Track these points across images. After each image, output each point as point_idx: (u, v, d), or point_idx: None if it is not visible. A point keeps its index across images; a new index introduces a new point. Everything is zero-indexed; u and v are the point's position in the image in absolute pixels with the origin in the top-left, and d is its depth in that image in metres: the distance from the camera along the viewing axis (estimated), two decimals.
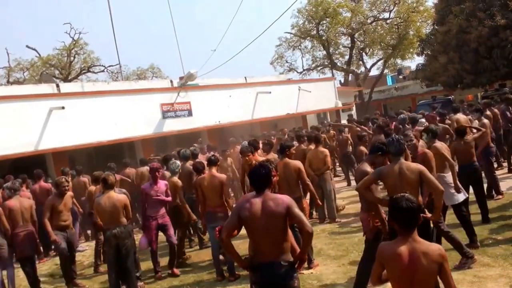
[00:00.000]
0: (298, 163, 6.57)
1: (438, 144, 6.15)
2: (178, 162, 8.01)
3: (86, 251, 9.29)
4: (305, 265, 6.12)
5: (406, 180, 4.49)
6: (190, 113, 16.42)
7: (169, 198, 6.97)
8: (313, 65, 32.03)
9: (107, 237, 6.10)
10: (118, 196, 6.22)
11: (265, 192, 3.56)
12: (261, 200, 3.51)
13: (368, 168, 4.92)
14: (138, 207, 9.07)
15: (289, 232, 3.57)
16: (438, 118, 9.93)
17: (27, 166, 10.96)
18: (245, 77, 19.55)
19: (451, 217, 6.43)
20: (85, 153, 14.42)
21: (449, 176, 6.03)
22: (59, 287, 7.16)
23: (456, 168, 6.51)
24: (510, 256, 5.45)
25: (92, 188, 7.61)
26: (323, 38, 29.08)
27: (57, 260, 8.68)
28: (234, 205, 3.90)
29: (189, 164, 8.43)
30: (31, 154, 12.25)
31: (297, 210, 3.48)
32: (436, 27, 22.54)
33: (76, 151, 13.76)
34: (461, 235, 5.88)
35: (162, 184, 6.93)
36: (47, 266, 8.67)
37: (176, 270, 6.80)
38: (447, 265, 2.71)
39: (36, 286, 6.76)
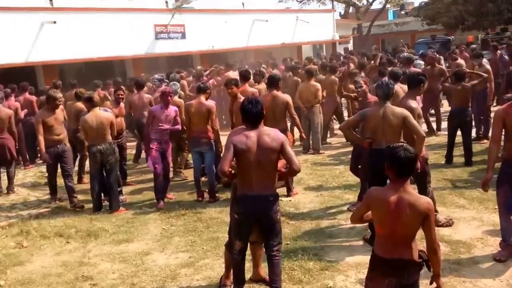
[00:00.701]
0: (286, 97, 6.59)
1: (397, 87, 6.14)
2: (178, 84, 8.11)
3: None
4: (284, 192, 6.44)
5: (389, 124, 4.56)
6: (183, 36, 16.07)
7: (178, 127, 6.67)
8: None
9: (93, 153, 6.29)
10: (105, 114, 6.34)
11: (259, 126, 3.63)
12: (256, 134, 3.59)
13: (414, 104, 4.91)
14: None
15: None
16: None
17: (17, 78, 10.93)
18: (243, 3, 18.91)
19: None
20: (75, 68, 14.30)
21: None
22: (41, 197, 7.40)
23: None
24: (485, 200, 5.55)
25: (78, 104, 7.60)
26: None
27: (42, 168, 8.98)
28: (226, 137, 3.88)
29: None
30: (21, 65, 12.23)
31: (289, 147, 3.60)
32: None
33: (66, 65, 13.68)
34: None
35: (172, 110, 6.53)
36: (32, 173, 8.92)
37: (170, 195, 6.88)
38: (432, 219, 2.78)
39: (10, 185, 7.60)
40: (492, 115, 7.36)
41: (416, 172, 4.16)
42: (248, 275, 3.98)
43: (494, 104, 9.69)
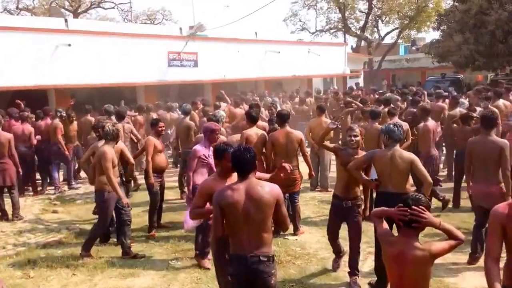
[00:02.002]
0: (299, 134, 6.56)
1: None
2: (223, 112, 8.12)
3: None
4: (291, 230, 6.40)
5: (396, 167, 4.58)
6: (196, 64, 16.27)
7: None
8: (326, 27, 31.42)
9: None
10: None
11: (249, 177, 3.29)
12: (244, 186, 3.25)
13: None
14: None
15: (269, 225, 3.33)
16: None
17: (29, 100, 11.04)
18: (255, 32, 19.22)
19: None
20: (86, 93, 14.44)
21: None
22: (49, 225, 7.42)
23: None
24: None
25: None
26: (340, 0, 28.31)
27: (51, 195, 9.04)
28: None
29: (188, 119, 8.67)
30: (34, 88, 12.28)
31: (283, 207, 3.32)
32: (456, 4, 21.95)
33: (78, 89, 13.78)
34: None
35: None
36: (41, 200, 8.92)
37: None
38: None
39: (15, 211, 7.50)
40: None
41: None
42: None
43: None
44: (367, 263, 5.41)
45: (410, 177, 4.77)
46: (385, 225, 3.14)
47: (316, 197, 8.45)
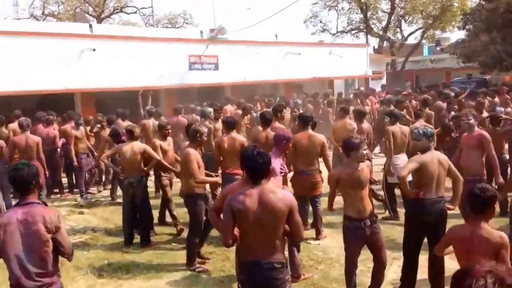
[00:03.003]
0: (322, 137, 6.47)
1: (395, 128, 7.07)
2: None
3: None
4: (313, 235, 6.37)
5: (442, 172, 4.48)
6: (216, 67, 16.37)
7: None
8: (347, 28, 31.16)
9: (124, 185, 6.48)
10: (139, 145, 6.49)
11: (262, 183, 3.18)
12: (257, 191, 3.14)
13: None
14: None
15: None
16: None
17: (55, 104, 11.31)
18: (276, 35, 19.23)
19: None
20: (110, 97, 14.68)
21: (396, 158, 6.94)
22: (75, 226, 7.57)
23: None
24: None
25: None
26: (362, 0, 28.06)
27: (78, 197, 9.18)
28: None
29: (208, 122, 8.64)
30: (60, 91, 12.56)
31: (297, 215, 3.17)
32: (482, 2, 21.50)
33: (102, 93, 14.03)
34: None
35: None
36: (68, 201, 9.13)
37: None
38: (504, 252, 3.05)
39: None
40: None
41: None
42: None
43: None
44: (392, 268, 5.31)
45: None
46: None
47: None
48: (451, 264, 4.14)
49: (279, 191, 3.21)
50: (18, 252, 3.01)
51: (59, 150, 9.28)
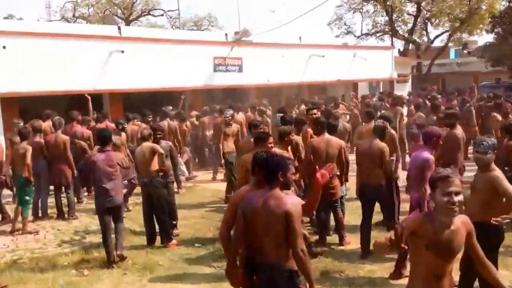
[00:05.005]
0: (340, 141, 6.54)
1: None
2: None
3: None
4: (336, 240, 6.36)
5: None
6: (240, 69, 16.48)
7: None
8: (372, 31, 30.85)
9: (140, 185, 6.73)
10: (150, 145, 6.57)
11: (271, 188, 3.20)
12: (263, 195, 3.18)
13: None
14: None
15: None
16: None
17: (84, 104, 11.59)
18: (300, 37, 19.23)
19: None
20: (138, 97, 14.98)
21: None
22: None
23: None
24: None
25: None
26: (388, 3, 27.73)
27: None
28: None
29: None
30: (90, 92, 12.85)
31: (296, 224, 3.09)
32: (511, 4, 20.99)
33: (130, 94, 14.35)
34: None
35: None
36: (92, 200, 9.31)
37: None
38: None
39: (70, 211, 8.06)
40: None
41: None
42: None
43: None
44: None
45: None
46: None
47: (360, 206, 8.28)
48: None
49: (280, 197, 3.17)
50: (102, 177, 5.66)
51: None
